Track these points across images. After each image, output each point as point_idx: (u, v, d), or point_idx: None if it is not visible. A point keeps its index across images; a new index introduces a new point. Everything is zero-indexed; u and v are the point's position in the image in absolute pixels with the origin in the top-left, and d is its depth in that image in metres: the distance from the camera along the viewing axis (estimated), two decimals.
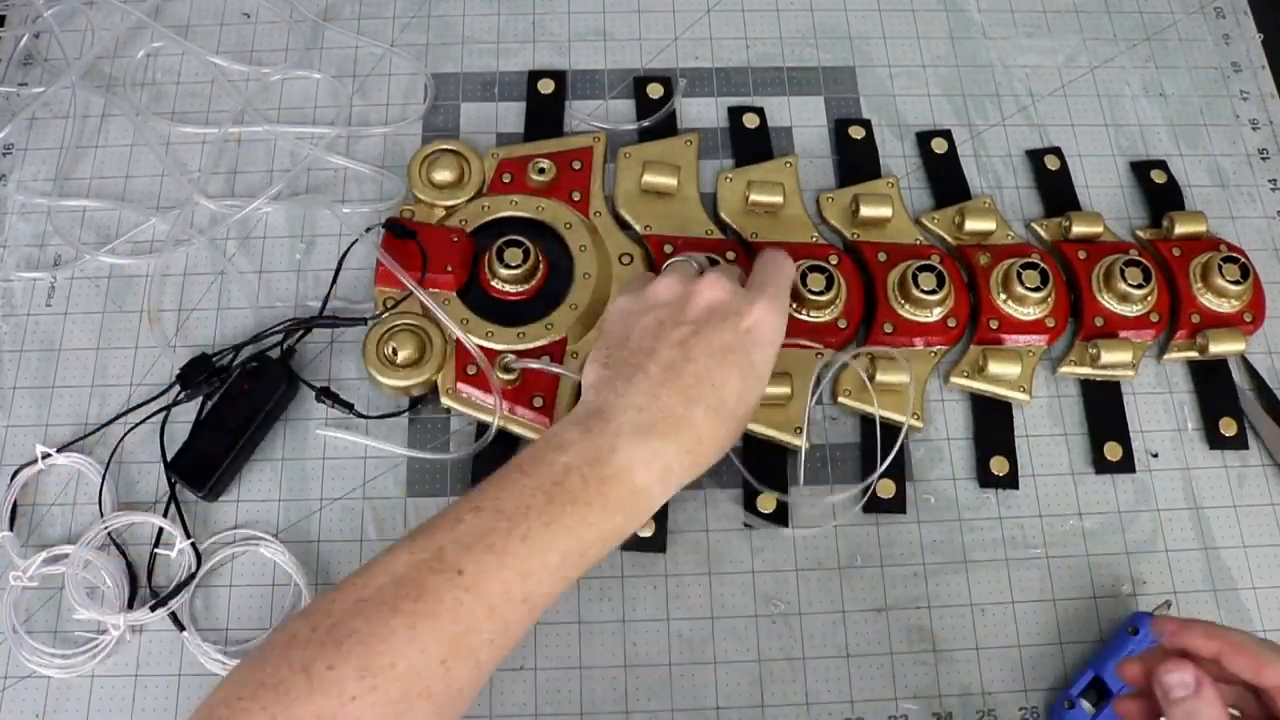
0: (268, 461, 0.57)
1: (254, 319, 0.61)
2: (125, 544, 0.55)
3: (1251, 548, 0.57)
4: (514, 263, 0.58)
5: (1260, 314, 0.62)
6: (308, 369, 0.59)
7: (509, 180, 0.63)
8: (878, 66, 0.70)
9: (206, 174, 0.64)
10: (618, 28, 0.70)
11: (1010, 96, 0.69)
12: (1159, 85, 0.70)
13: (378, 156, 0.65)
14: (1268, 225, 0.66)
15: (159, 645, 0.54)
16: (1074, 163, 0.67)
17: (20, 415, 0.58)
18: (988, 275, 0.61)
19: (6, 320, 0.61)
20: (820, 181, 0.66)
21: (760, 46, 0.70)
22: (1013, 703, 0.54)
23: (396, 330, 0.57)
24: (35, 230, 0.63)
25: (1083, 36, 0.72)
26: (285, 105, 0.67)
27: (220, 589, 0.55)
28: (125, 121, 0.66)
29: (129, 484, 0.57)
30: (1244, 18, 0.73)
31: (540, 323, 0.58)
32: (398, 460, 0.58)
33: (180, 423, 0.57)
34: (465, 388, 0.57)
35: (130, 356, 0.60)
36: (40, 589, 0.54)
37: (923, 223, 0.64)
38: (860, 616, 0.55)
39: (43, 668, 0.52)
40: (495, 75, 0.68)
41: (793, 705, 0.53)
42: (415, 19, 0.70)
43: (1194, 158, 0.68)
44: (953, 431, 0.59)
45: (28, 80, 0.67)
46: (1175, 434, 0.60)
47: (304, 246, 0.63)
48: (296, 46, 0.68)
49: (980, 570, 0.56)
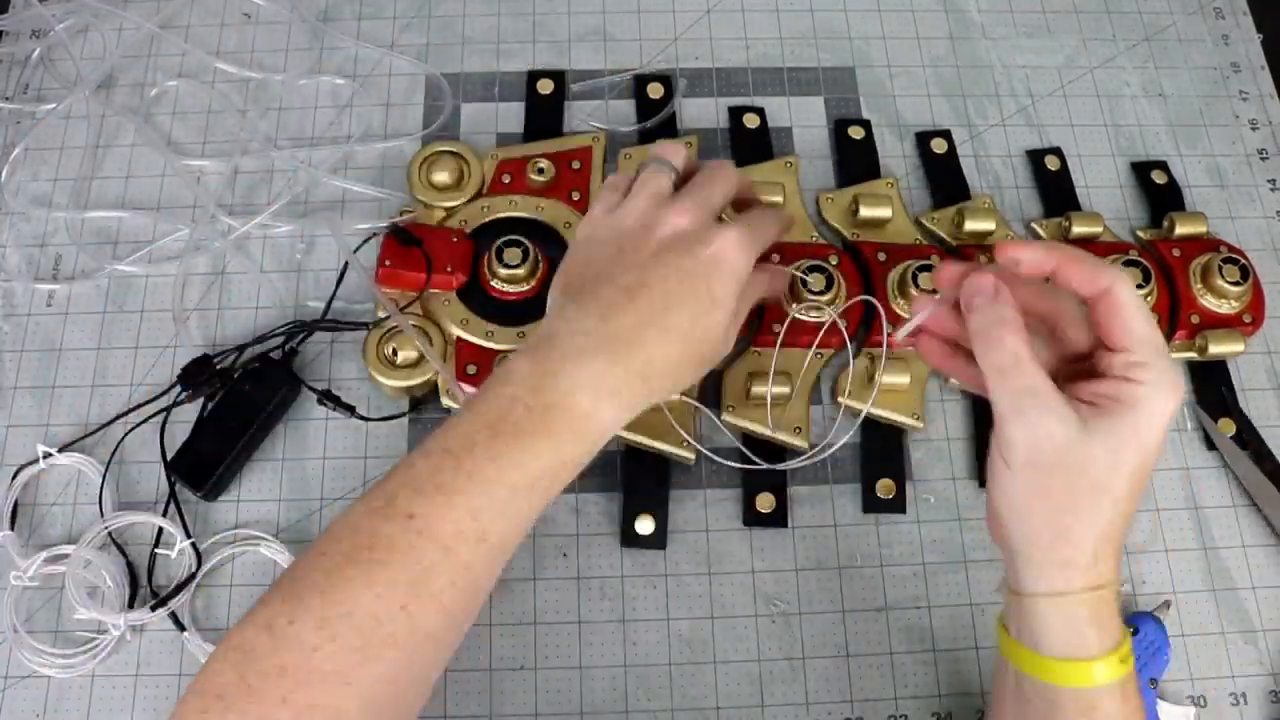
0: (268, 461, 0.57)
1: (255, 320, 0.61)
2: (126, 544, 0.55)
3: (1251, 548, 0.57)
4: (513, 262, 0.58)
5: (1260, 315, 0.62)
6: (309, 369, 0.59)
7: (509, 181, 0.63)
8: (877, 67, 0.70)
9: (221, 187, 0.64)
10: (618, 28, 0.70)
11: (1010, 97, 0.69)
12: (1159, 85, 0.70)
13: (378, 158, 0.65)
14: (1267, 225, 0.66)
15: (159, 645, 0.54)
16: (1074, 163, 0.67)
17: (21, 415, 0.58)
18: None
19: (7, 320, 0.61)
20: (820, 182, 0.66)
21: (760, 47, 0.70)
22: None
23: (397, 331, 0.57)
24: (36, 231, 0.63)
25: (1082, 37, 0.72)
26: (286, 105, 0.67)
27: (220, 589, 0.55)
28: (132, 132, 0.66)
29: (129, 484, 0.57)
30: (1243, 18, 0.73)
31: (540, 322, 0.58)
32: (397, 460, 0.57)
33: (181, 423, 0.57)
34: (466, 387, 0.57)
35: (130, 357, 0.60)
36: (41, 589, 0.54)
37: (922, 223, 0.64)
38: (860, 616, 0.55)
39: (43, 667, 0.53)
40: (495, 75, 0.68)
41: (793, 705, 0.53)
42: (415, 19, 0.70)
43: (1193, 158, 0.68)
44: (953, 431, 0.59)
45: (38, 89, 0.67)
46: (1175, 434, 0.60)
47: (304, 247, 0.63)
48: (297, 47, 0.69)
49: (980, 570, 0.56)
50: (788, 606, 0.55)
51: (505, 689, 0.53)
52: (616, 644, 0.54)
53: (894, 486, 0.57)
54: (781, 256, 0.61)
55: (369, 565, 0.40)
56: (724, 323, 0.48)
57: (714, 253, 0.47)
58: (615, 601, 0.55)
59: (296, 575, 0.41)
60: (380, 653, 0.39)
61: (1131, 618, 0.54)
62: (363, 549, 0.40)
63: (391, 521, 0.41)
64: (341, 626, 0.39)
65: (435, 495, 0.41)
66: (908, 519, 0.57)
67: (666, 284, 0.46)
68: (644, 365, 0.45)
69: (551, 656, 0.54)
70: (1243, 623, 0.56)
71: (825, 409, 0.59)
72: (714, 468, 0.58)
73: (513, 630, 0.54)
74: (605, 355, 0.44)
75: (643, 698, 0.53)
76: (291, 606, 0.40)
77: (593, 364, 0.44)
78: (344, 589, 0.40)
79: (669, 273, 0.46)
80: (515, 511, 0.42)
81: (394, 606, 0.40)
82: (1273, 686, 0.55)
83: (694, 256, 0.47)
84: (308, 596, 0.40)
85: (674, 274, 0.46)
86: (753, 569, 0.56)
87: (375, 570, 0.40)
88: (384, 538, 0.41)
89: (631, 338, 0.45)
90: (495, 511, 0.42)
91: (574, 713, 0.53)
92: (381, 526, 0.41)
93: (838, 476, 0.58)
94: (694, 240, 0.47)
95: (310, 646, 0.39)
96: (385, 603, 0.40)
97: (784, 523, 0.57)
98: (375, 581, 0.40)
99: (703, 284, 0.46)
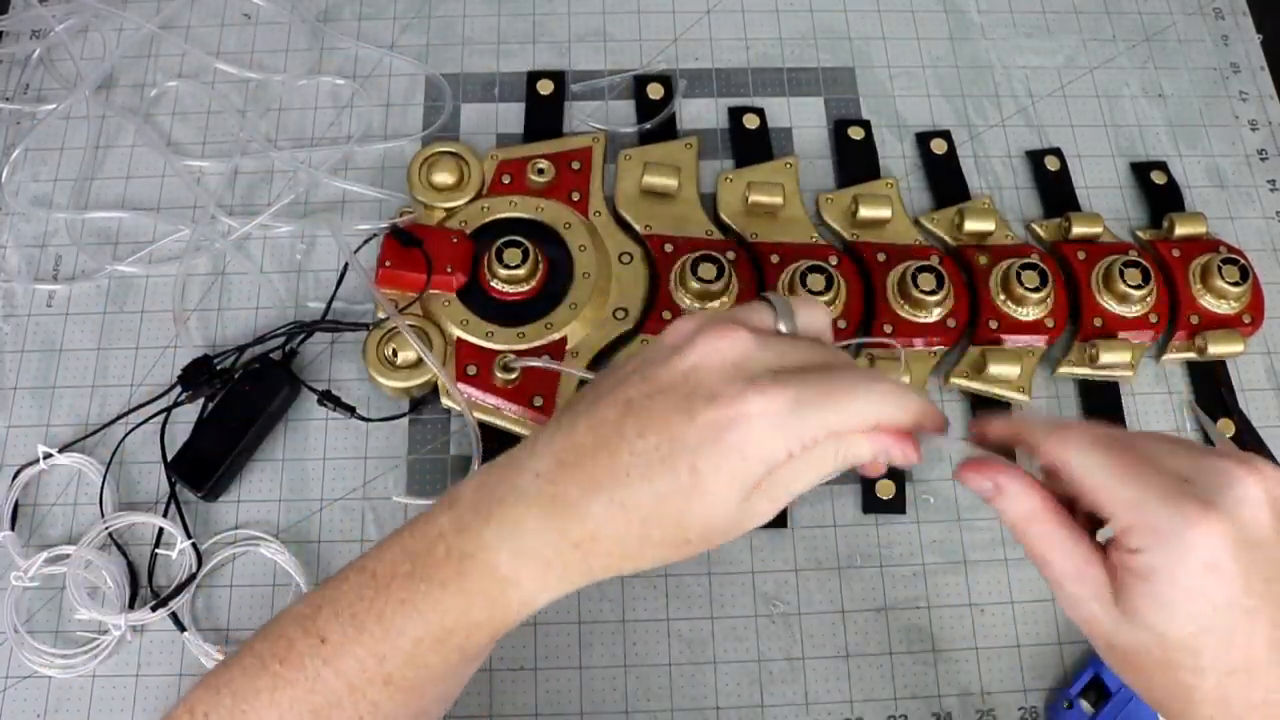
0: (268, 462, 0.58)
1: (255, 320, 0.61)
2: (126, 544, 0.55)
3: None
4: (513, 263, 0.58)
5: (1259, 315, 0.62)
6: (308, 370, 0.59)
7: (508, 181, 0.63)
8: (877, 67, 0.70)
9: (221, 187, 0.64)
10: (618, 28, 0.70)
11: (1010, 97, 0.69)
12: (1158, 86, 0.70)
13: (378, 158, 0.65)
14: (1267, 226, 0.66)
15: (160, 645, 0.54)
16: (1074, 163, 0.67)
17: (22, 415, 0.58)
18: (987, 276, 0.61)
19: (8, 321, 0.61)
20: (820, 182, 0.66)
21: (760, 47, 0.70)
22: (1012, 703, 0.54)
23: (397, 332, 0.57)
24: (36, 231, 0.63)
25: (1082, 37, 0.72)
26: (286, 106, 0.67)
27: (221, 589, 0.55)
28: (132, 132, 0.66)
29: (130, 484, 0.57)
30: (1243, 18, 0.73)
31: (540, 322, 0.58)
32: (398, 460, 0.58)
33: (181, 423, 0.57)
34: (465, 388, 0.57)
35: (131, 357, 0.60)
36: (41, 589, 0.54)
37: (922, 223, 0.64)
38: (860, 616, 0.55)
39: (44, 668, 0.53)
40: (495, 76, 0.68)
41: (793, 705, 0.53)
42: (415, 20, 0.70)
43: (1193, 158, 0.68)
44: (953, 432, 0.59)
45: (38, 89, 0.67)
46: (1174, 434, 0.60)
47: (304, 248, 0.63)
48: (297, 47, 0.69)
49: (980, 570, 0.56)
50: (788, 606, 0.55)
51: (505, 689, 0.53)
52: (616, 644, 0.54)
53: (894, 486, 0.57)
54: (781, 257, 0.61)
55: (276, 680, 0.38)
56: (718, 511, 0.35)
57: (721, 420, 0.34)
58: (615, 601, 0.55)
59: (230, 663, 0.39)
60: None
61: None
62: (276, 660, 0.38)
63: (307, 639, 0.38)
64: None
65: (348, 626, 0.37)
66: (908, 519, 0.57)
67: (641, 441, 0.35)
68: (586, 539, 0.35)
69: (551, 656, 0.54)
70: None
71: None
72: None
73: (513, 630, 0.54)
74: (542, 514, 0.36)
75: (643, 698, 0.53)
76: (211, 698, 0.39)
77: (525, 521, 0.36)
78: (253, 698, 0.38)
79: (649, 425, 0.35)
80: (424, 664, 0.37)
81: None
82: None
83: (688, 413, 0.34)
84: (224, 692, 0.39)
85: (654, 428, 0.35)
86: (753, 569, 0.56)
87: (281, 688, 0.38)
88: (295, 655, 0.38)
89: (577, 501, 0.35)
90: (400, 660, 0.37)
91: (574, 713, 0.53)
92: (298, 642, 0.38)
93: (838, 476, 0.58)
94: (707, 391, 0.35)
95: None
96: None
97: (784, 523, 0.57)
98: (279, 701, 0.38)
99: (688, 458, 0.34)
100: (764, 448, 0.34)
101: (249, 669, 0.39)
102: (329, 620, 0.38)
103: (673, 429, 0.34)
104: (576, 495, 0.35)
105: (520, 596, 0.37)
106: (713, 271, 0.58)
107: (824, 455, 0.36)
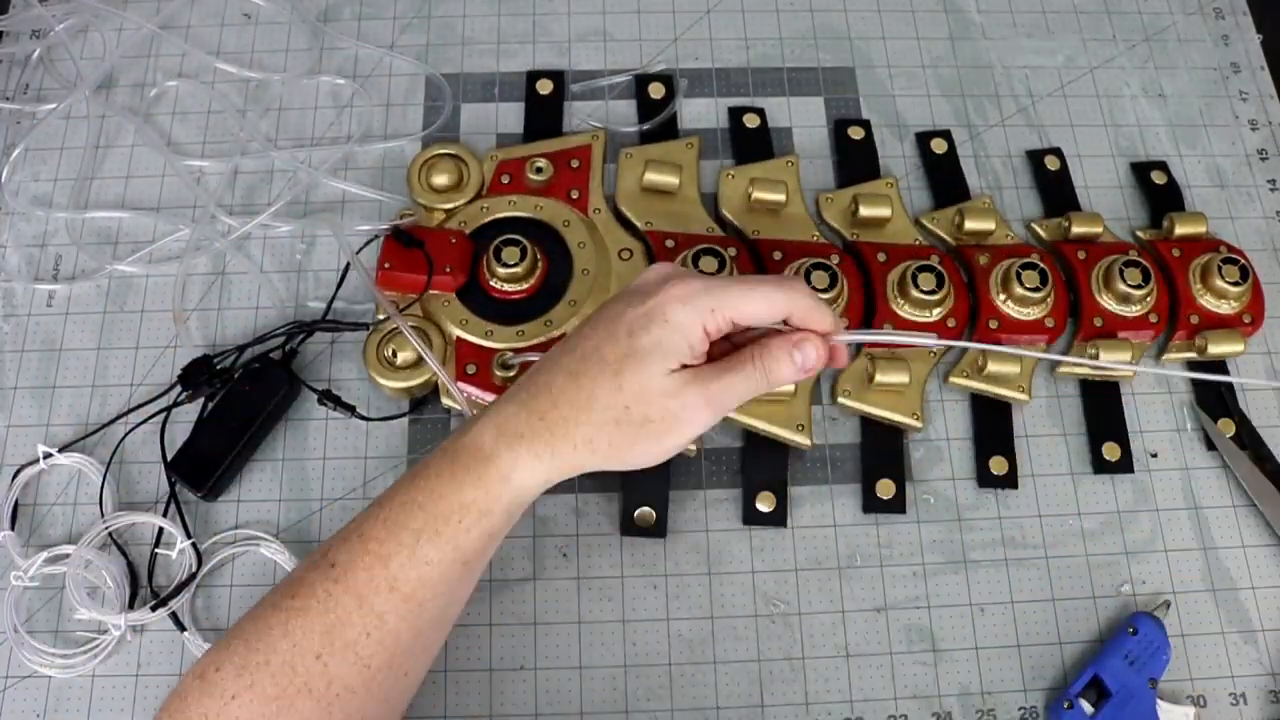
0: (268, 461, 0.57)
1: (255, 320, 0.61)
2: (126, 544, 0.55)
3: (1250, 548, 0.57)
4: (512, 261, 0.58)
5: (1259, 315, 0.62)
6: (308, 370, 0.59)
7: (508, 181, 0.63)
8: (877, 67, 0.70)
9: (221, 187, 0.64)
10: (618, 28, 0.70)
11: (1010, 97, 0.69)
12: (1158, 86, 0.70)
13: (378, 158, 0.65)
14: (1267, 226, 0.66)
15: (160, 645, 0.54)
16: (1074, 163, 0.67)
17: (21, 415, 0.58)
18: (987, 275, 0.61)
19: (8, 320, 0.61)
20: (820, 182, 0.66)
21: (760, 47, 0.70)
22: (1012, 703, 0.54)
23: (397, 332, 0.57)
24: (36, 231, 0.63)
25: (1082, 37, 0.72)
26: (286, 106, 0.67)
27: (221, 589, 0.55)
28: (132, 132, 0.66)
29: (130, 484, 0.57)
30: (1243, 18, 0.73)
31: (539, 320, 0.58)
32: (398, 460, 0.58)
33: (181, 423, 0.57)
34: (465, 387, 0.57)
35: (130, 357, 0.60)
36: (41, 589, 0.54)
37: (922, 223, 0.64)
38: (860, 616, 0.55)
39: (43, 668, 0.53)
40: (495, 76, 0.68)
41: (793, 705, 0.53)
42: (415, 20, 0.70)
43: (1193, 158, 0.68)
44: (952, 431, 0.59)
45: (38, 89, 0.67)
46: (1174, 434, 0.60)
47: (304, 248, 0.63)
48: (297, 47, 0.69)
49: (980, 570, 0.56)
50: (788, 606, 0.55)
51: (505, 689, 0.53)
52: (616, 644, 0.54)
53: (894, 486, 0.57)
54: (784, 254, 0.61)
55: (288, 613, 0.41)
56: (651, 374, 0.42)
57: (648, 300, 0.43)
58: (615, 601, 0.55)
59: (242, 620, 0.42)
60: (294, 701, 0.40)
61: (1131, 618, 0.54)
62: (286, 595, 0.41)
63: (317, 569, 0.42)
64: (259, 675, 0.40)
65: (355, 543, 0.42)
66: (907, 519, 0.57)
67: (592, 330, 0.44)
68: (549, 409, 0.43)
69: (551, 656, 0.54)
70: (1242, 623, 0.56)
71: (825, 409, 0.59)
72: (714, 467, 0.58)
73: (512, 630, 0.54)
74: (520, 402, 0.43)
75: (643, 698, 0.53)
76: (220, 653, 0.41)
77: (506, 407, 0.43)
78: (264, 637, 0.40)
79: (600, 316, 0.44)
80: (423, 559, 0.42)
81: (309, 655, 0.40)
82: (1273, 686, 0.55)
83: (627, 302, 0.44)
84: (235, 643, 0.41)
85: (604, 318, 0.44)
86: (753, 569, 0.56)
87: (293, 618, 0.41)
88: (306, 584, 0.41)
89: (545, 385, 0.43)
90: (403, 558, 0.41)
91: (574, 713, 0.53)
92: (308, 575, 0.42)
93: (838, 476, 0.58)
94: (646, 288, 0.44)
95: (229, 694, 0.39)
96: (300, 652, 0.40)
97: (784, 522, 0.57)
98: (292, 630, 0.40)
99: (623, 327, 0.43)
100: (681, 315, 0.42)
101: (258, 615, 0.41)
102: (338, 547, 0.42)
103: (616, 313, 0.43)
104: (544, 380, 0.43)
105: (500, 472, 0.42)
106: (714, 265, 0.58)
107: (744, 360, 0.44)
